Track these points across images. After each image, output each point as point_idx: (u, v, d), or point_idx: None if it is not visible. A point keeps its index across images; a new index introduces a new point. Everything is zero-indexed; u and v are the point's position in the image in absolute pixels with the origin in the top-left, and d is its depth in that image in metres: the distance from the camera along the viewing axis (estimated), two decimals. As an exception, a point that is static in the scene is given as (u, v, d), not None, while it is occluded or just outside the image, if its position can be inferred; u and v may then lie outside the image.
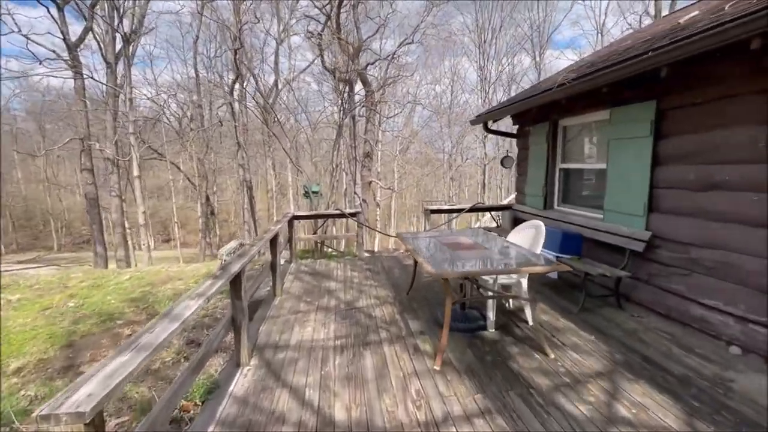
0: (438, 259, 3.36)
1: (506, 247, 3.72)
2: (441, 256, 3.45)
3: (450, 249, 3.71)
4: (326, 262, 6.42)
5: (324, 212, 6.21)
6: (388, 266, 6.07)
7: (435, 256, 3.51)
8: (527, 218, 5.99)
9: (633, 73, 3.38)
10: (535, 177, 5.95)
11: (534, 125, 5.94)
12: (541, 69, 24.65)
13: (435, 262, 3.27)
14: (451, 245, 3.86)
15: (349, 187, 21.77)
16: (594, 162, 4.85)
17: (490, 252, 3.55)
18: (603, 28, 24.31)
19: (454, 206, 6.58)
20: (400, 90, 21.30)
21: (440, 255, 3.54)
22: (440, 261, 3.28)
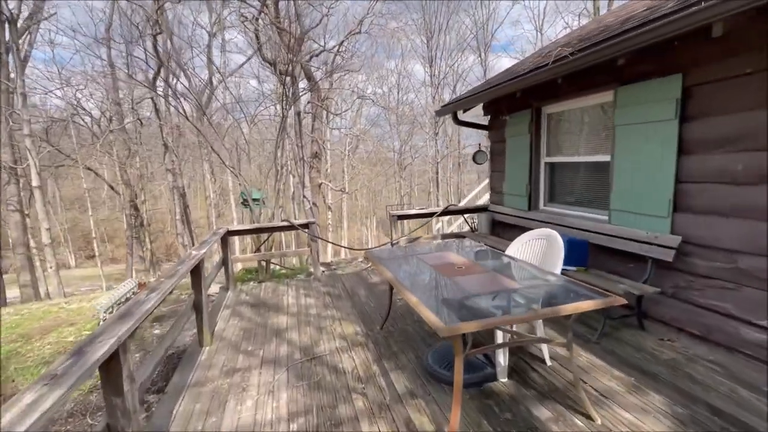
0: (434, 294, 2.38)
1: (518, 268, 2.82)
2: (434, 287, 2.48)
3: (442, 273, 2.74)
4: (274, 286, 5.20)
5: (268, 224, 5.04)
6: (351, 287, 5.00)
7: (426, 286, 2.53)
8: (508, 221, 5.23)
9: (667, 36, 2.62)
10: (515, 173, 5.20)
11: (511, 114, 5.18)
12: (486, 68, 24.79)
13: (430, 298, 2.28)
14: (441, 267, 2.89)
15: (297, 191, 20.32)
16: (591, 154, 4.14)
17: (499, 277, 2.62)
18: (542, 28, 24.98)
19: (423, 210, 5.68)
20: (347, 86, 20.22)
21: (432, 284, 2.56)
22: (437, 296, 2.30)
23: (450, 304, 2.23)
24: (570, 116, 4.43)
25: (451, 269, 2.83)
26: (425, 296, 2.31)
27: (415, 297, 2.19)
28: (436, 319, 1.87)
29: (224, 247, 4.96)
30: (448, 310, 2.09)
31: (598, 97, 3.87)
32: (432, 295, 2.37)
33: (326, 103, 17.67)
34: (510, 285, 2.42)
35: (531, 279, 2.59)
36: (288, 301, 4.59)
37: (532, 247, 3.17)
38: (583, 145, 4.26)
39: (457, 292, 2.39)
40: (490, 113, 5.86)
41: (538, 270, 2.72)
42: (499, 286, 2.42)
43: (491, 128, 5.86)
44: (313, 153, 17.33)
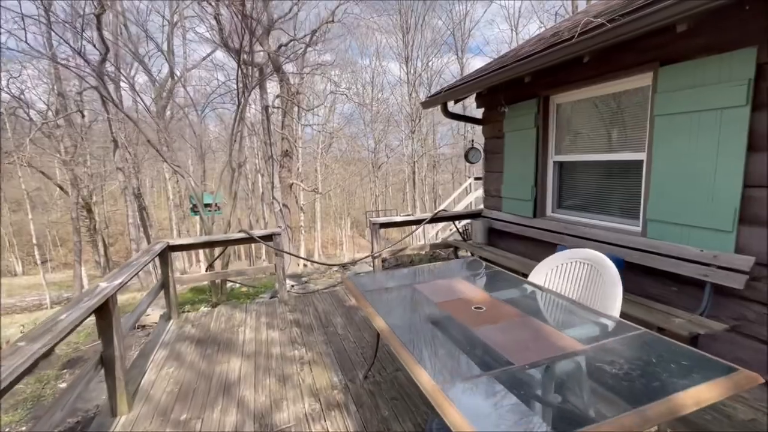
0: (458, 363, 1.56)
1: (560, 308, 2.04)
2: (454, 350, 1.66)
3: (457, 319, 1.92)
4: (229, 312, 4.24)
5: (220, 237, 4.08)
6: (325, 312, 4.11)
7: (441, 347, 1.70)
8: (509, 229, 4.49)
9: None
10: (517, 174, 4.47)
11: (511, 105, 4.44)
12: (463, 65, 24.36)
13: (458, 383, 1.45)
14: (451, 307, 2.07)
15: (267, 191, 19.07)
16: (616, 151, 3.44)
17: (542, 327, 1.82)
18: (517, 27, 24.80)
19: (409, 216, 4.86)
20: (320, 80, 19.18)
21: (448, 343, 1.74)
22: (464, 367, 1.48)
23: (480, 383, 1.40)
24: (587, 106, 3.72)
25: (467, 310, 2.01)
26: (447, 370, 1.48)
27: (436, 384, 1.35)
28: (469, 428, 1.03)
29: (165, 265, 3.95)
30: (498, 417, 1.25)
31: (629, 81, 3.17)
32: (457, 370, 1.54)
33: (297, 98, 16.60)
34: (566, 344, 1.62)
35: (588, 329, 1.80)
36: (245, 335, 3.65)
37: (567, 274, 2.41)
38: (605, 140, 3.55)
39: (489, 357, 1.57)
40: (484, 105, 5.12)
41: (589, 312, 1.95)
42: (551, 345, 1.62)
43: (486, 122, 5.12)
44: (284, 151, 16.21)
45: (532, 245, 4.29)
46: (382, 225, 4.74)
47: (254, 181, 26.87)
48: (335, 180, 24.92)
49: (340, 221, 34.82)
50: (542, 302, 2.15)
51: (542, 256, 4.23)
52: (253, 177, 26.83)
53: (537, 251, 4.22)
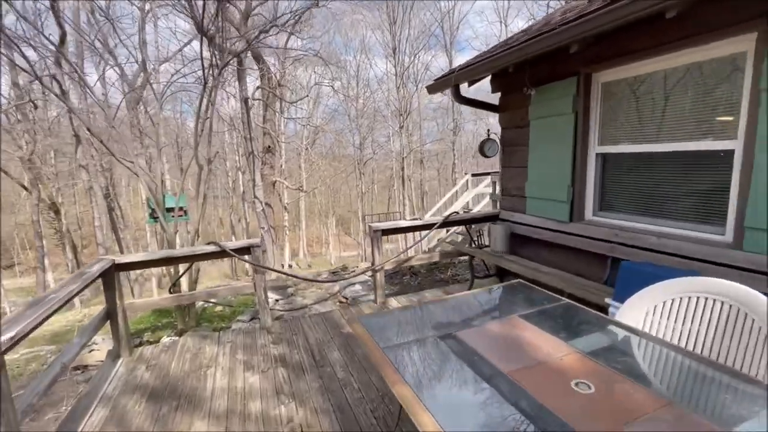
0: None
1: (723, 386, 1.28)
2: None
3: (560, 416, 1.13)
4: (197, 345, 3.37)
5: (183, 252, 3.21)
6: (318, 344, 3.29)
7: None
8: (536, 235, 3.76)
9: None
10: (547, 170, 3.73)
11: (540, 87, 3.69)
12: (452, 58, 23.68)
13: None
14: (533, 382, 1.29)
15: (248, 190, 18.01)
16: (687, 139, 2.72)
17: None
18: (506, 20, 24.25)
19: (416, 221, 4.08)
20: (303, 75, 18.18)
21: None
22: None
23: None
24: (647, 83, 3.00)
25: (565, 391, 1.23)
26: None
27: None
28: None
29: (110, 290, 3.06)
30: None
31: (717, 47, 2.44)
32: None
33: (280, 90, 15.61)
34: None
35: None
36: (215, 380, 2.80)
37: (687, 315, 1.65)
38: (672, 126, 2.83)
39: None
40: (501, 89, 4.36)
41: (761, 388, 1.19)
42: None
43: (504, 109, 4.37)
44: (266, 147, 15.22)
45: (570, 255, 3.57)
46: (385, 232, 3.94)
47: (235, 179, 25.68)
48: (320, 177, 23.94)
49: (325, 220, 33.86)
50: (674, 370, 1.39)
51: (586, 268, 3.53)
52: (234, 175, 25.64)
53: (577, 263, 3.50)
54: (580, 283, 3.09)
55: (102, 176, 15.06)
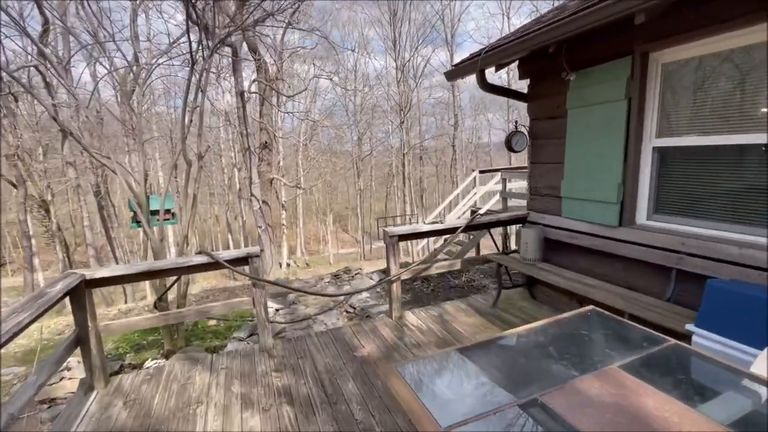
0: None
1: None
2: None
3: None
4: (186, 371, 2.87)
5: (167, 264, 2.70)
6: (329, 372, 2.80)
7: None
8: (576, 241, 3.29)
9: None
10: (590, 166, 3.24)
11: (582, 71, 3.20)
12: (453, 51, 23.13)
13: None
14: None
15: (245, 188, 17.44)
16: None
17: None
18: (509, 13, 23.72)
19: (436, 225, 3.58)
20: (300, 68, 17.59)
21: None
22: None
23: None
24: (717, 63, 2.51)
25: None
26: None
27: None
28: None
29: (80, 309, 2.56)
30: None
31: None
32: None
33: (277, 84, 15.03)
34: None
35: None
36: (206, 422, 2.31)
37: None
38: (750, 115, 2.35)
39: None
40: (531, 75, 3.87)
41: None
42: None
43: (534, 97, 3.87)
44: (263, 143, 14.64)
45: (617, 265, 3.09)
46: (403, 237, 3.44)
47: (231, 176, 25.08)
48: (318, 174, 23.38)
49: (323, 217, 33.33)
50: None
51: (638, 282, 2.97)
52: (230, 172, 25.03)
53: (627, 274, 3.03)
54: (646, 303, 2.61)
55: (92, 173, 14.44)
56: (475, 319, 3.51)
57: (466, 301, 3.92)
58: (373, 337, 3.25)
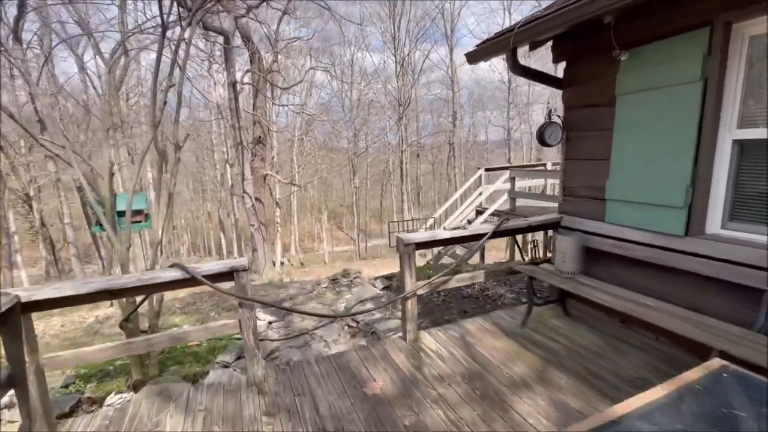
0: None
1: None
2: None
3: None
4: (157, 410, 2.30)
5: (129, 281, 2.15)
6: (336, 414, 2.24)
7: None
8: (626, 251, 2.77)
9: None
10: (646, 162, 2.71)
11: (638, 49, 2.66)
12: (453, 46, 22.58)
13: None
14: None
15: (237, 184, 16.79)
16: None
17: None
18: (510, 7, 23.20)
19: (458, 231, 3.03)
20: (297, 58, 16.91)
21: None
22: None
23: None
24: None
25: None
26: None
27: None
28: None
29: (14, 340, 1.98)
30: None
31: None
32: None
33: (271, 76, 14.36)
34: None
35: None
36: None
37: None
38: None
39: None
40: (568, 56, 3.33)
41: None
42: None
43: (571, 81, 3.33)
44: (256, 138, 13.99)
45: (681, 282, 2.57)
46: (420, 245, 2.89)
47: (223, 172, 24.34)
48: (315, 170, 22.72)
49: (318, 215, 32.67)
50: None
51: (710, 304, 2.43)
52: (222, 167, 24.28)
53: (695, 294, 2.51)
54: (736, 335, 2.08)
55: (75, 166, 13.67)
56: (503, 342, 2.97)
57: (489, 318, 3.39)
58: (385, 365, 2.70)
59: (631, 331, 3.05)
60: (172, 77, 2.78)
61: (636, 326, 3.03)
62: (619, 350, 2.77)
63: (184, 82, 2.89)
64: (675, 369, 2.53)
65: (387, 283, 5.73)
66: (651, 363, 2.60)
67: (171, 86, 2.89)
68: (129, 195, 2.86)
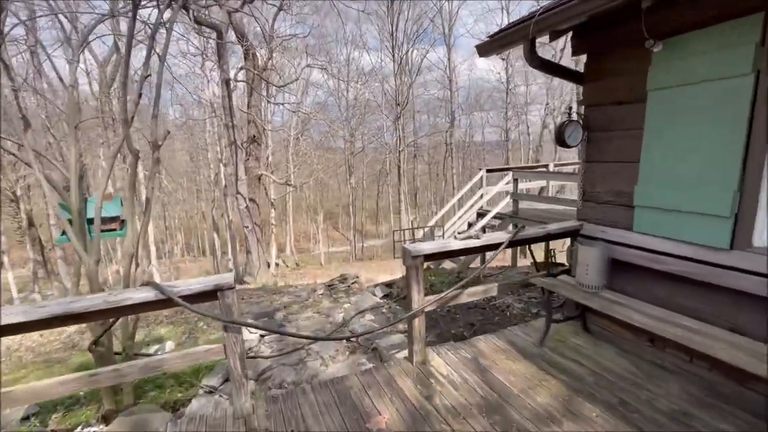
0: None
1: None
2: None
3: None
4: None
5: (93, 302, 1.84)
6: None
7: None
8: (657, 263, 2.49)
9: None
10: (683, 165, 2.42)
11: (674, 39, 2.38)
12: (451, 46, 22.32)
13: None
14: None
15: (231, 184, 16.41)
16: None
17: None
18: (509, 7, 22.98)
19: (471, 241, 2.71)
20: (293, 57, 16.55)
21: None
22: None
23: None
24: None
25: None
26: None
27: None
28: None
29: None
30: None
31: None
32: None
33: (266, 74, 14.00)
34: None
35: None
36: None
37: None
38: None
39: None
40: (588, 47, 3.04)
41: None
42: None
43: (593, 76, 3.04)
44: (250, 137, 13.64)
45: (722, 300, 2.29)
46: (430, 257, 2.59)
47: (217, 171, 23.92)
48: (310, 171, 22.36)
49: (314, 215, 32.30)
50: None
51: (757, 327, 2.18)
52: (216, 167, 23.85)
53: (744, 315, 2.22)
54: None
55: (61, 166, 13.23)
56: (521, 365, 2.68)
57: (502, 336, 3.09)
58: (391, 394, 2.39)
59: (660, 351, 2.76)
60: (149, 66, 2.45)
61: (667, 346, 2.75)
62: (652, 375, 2.48)
63: (163, 72, 2.55)
64: (716, 398, 2.25)
65: (387, 291, 5.42)
66: (689, 391, 2.31)
67: (147, 76, 2.55)
68: (99, 199, 2.51)
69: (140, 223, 2.48)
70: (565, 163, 11.29)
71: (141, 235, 2.54)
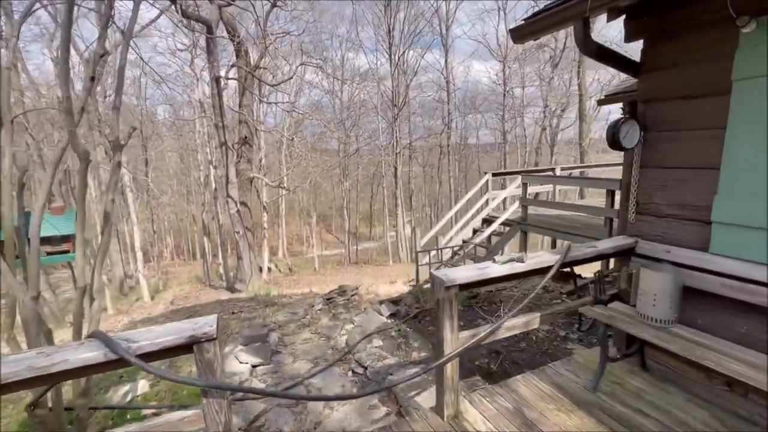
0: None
1: None
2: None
3: None
4: None
5: (15, 368, 1.32)
6: None
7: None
8: (746, 294, 1.98)
9: None
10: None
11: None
12: (449, 47, 21.92)
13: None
14: None
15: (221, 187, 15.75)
16: None
17: None
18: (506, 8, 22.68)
19: (515, 263, 2.21)
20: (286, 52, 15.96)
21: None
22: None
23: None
24: None
25: None
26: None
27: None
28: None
29: None
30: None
31: None
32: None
33: (259, 72, 13.41)
34: None
35: None
36: None
37: None
38: None
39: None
40: (647, 32, 2.54)
41: None
42: None
43: (653, 65, 2.54)
44: (242, 138, 13.01)
45: None
46: (465, 286, 2.06)
47: (207, 173, 23.19)
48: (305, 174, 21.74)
49: (308, 218, 31.63)
50: None
51: None
52: (207, 169, 23.13)
53: None
54: None
55: (41, 168, 12.51)
56: (575, 418, 2.16)
57: (545, 376, 2.57)
58: None
59: (742, 399, 2.27)
60: (104, 42, 1.87)
61: (749, 392, 2.26)
62: None
63: (127, 54, 2.01)
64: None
65: (394, 309, 4.88)
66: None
67: (102, 55, 1.98)
68: (36, 214, 1.92)
69: (97, 246, 1.94)
70: (570, 166, 10.88)
71: (98, 263, 1.95)
